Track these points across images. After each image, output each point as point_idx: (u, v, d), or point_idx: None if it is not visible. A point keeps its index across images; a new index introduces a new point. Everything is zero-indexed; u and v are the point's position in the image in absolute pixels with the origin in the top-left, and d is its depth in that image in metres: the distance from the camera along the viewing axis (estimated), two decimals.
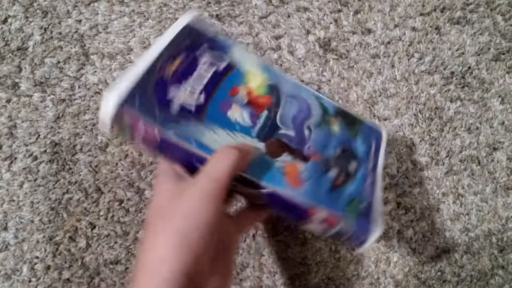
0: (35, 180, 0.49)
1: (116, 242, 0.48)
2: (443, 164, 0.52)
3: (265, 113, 0.37)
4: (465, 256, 0.50)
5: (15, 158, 0.49)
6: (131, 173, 0.49)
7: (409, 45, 0.53)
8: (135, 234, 0.48)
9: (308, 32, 0.53)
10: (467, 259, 0.50)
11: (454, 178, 0.51)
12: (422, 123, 0.52)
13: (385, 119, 0.52)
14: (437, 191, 0.51)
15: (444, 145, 0.52)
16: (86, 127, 0.50)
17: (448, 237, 0.50)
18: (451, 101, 0.52)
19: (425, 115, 0.52)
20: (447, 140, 0.52)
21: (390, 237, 0.50)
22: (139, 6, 0.52)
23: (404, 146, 0.51)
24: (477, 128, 0.52)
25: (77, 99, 0.50)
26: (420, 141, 0.52)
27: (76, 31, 0.51)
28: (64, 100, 0.50)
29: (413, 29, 0.53)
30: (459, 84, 0.53)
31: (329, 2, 0.53)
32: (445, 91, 0.53)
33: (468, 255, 0.50)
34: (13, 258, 0.47)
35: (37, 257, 0.47)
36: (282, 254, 0.49)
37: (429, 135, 0.52)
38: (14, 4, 0.51)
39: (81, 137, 0.49)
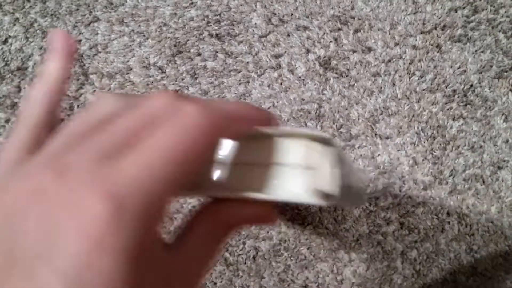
0: None
1: None
2: (447, 183, 0.51)
3: None
4: (471, 278, 0.49)
5: None
6: None
7: (410, 63, 0.53)
8: None
9: (308, 51, 0.53)
10: (473, 281, 0.49)
11: (458, 197, 0.50)
12: (424, 142, 0.51)
13: (387, 138, 0.51)
14: (441, 211, 0.50)
15: (447, 164, 0.51)
16: None
17: (453, 258, 0.49)
18: (453, 119, 0.52)
19: (427, 134, 0.51)
20: (450, 159, 0.51)
21: (393, 259, 0.49)
22: (139, 26, 0.52)
23: (406, 166, 0.50)
24: (481, 146, 0.51)
25: None
26: (423, 160, 0.51)
27: (76, 51, 0.51)
28: (63, 119, 0.50)
29: (414, 47, 0.53)
30: (462, 102, 0.52)
31: (329, 21, 0.53)
32: (448, 109, 0.52)
33: (475, 277, 0.49)
34: None
35: None
36: (284, 276, 0.48)
37: (432, 154, 0.51)
38: (15, 24, 0.51)
39: None
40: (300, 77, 0.52)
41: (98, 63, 0.51)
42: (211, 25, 0.52)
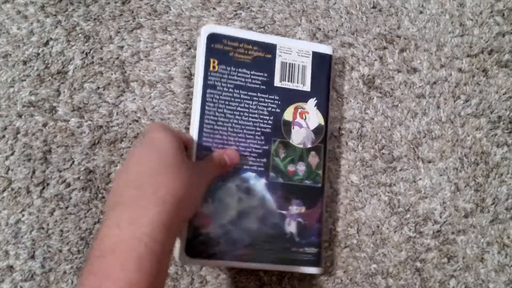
0: (67, 207, 0.47)
1: None
2: (489, 212, 0.49)
3: None
4: None
5: (48, 184, 0.48)
6: None
7: (455, 87, 0.52)
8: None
9: (352, 68, 0.52)
10: None
11: (500, 227, 0.49)
12: (467, 168, 0.50)
13: (429, 162, 0.50)
14: (482, 240, 0.49)
15: (489, 192, 0.50)
16: (122, 155, 0.48)
17: None
18: (497, 146, 0.51)
19: (470, 160, 0.50)
20: (493, 187, 0.50)
21: (432, 287, 0.47)
22: (182, 35, 0.51)
23: (448, 191, 0.49)
24: None
25: (114, 126, 0.49)
26: (465, 186, 0.50)
27: (118, 57, 0.50)
28: (101, 126, 0.49)
29: (460, 70, 0.52)
30: (506, 129, 0.51)
31: (374, 39, 0.52)
32: (492, 136, 0.51)
33: None
34: None
35: None
36: None
37: (475, 181, 0.50)
38: (57, 27, 0.51)
39: (116, 165, 0.48)
40: (343, 95, 0.51)
41: (140, 70, 0.50)
42: None
